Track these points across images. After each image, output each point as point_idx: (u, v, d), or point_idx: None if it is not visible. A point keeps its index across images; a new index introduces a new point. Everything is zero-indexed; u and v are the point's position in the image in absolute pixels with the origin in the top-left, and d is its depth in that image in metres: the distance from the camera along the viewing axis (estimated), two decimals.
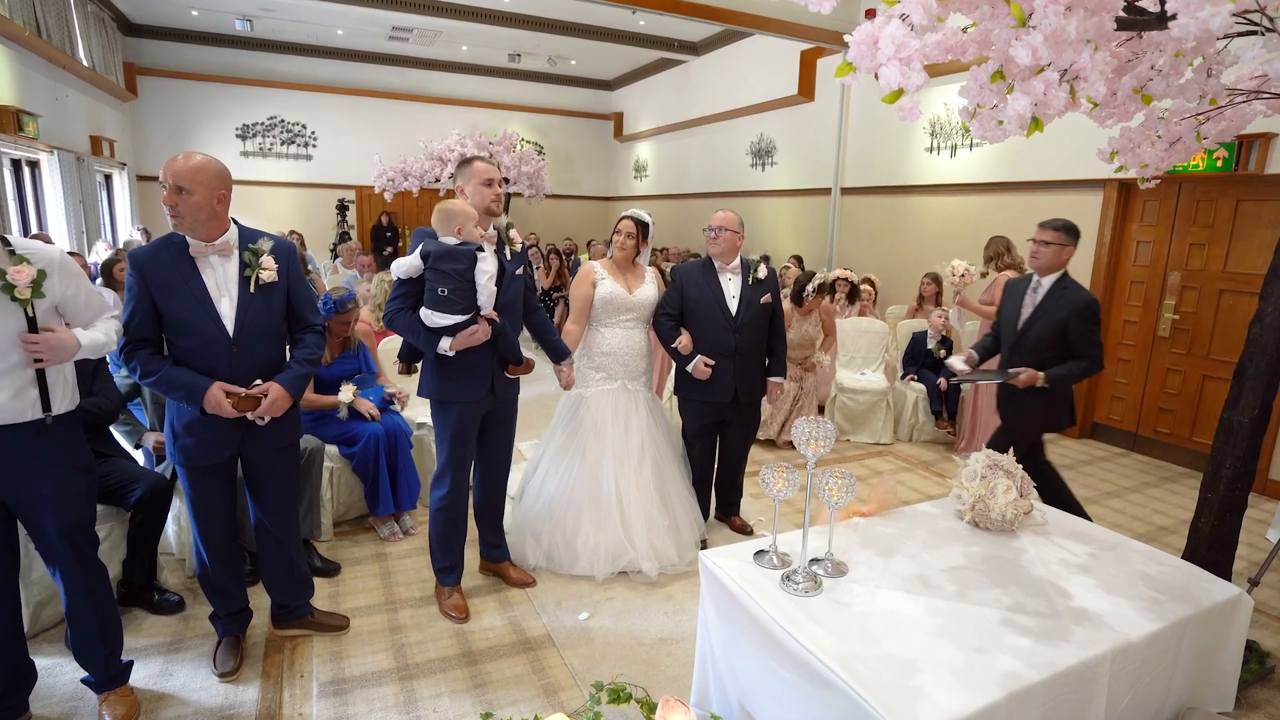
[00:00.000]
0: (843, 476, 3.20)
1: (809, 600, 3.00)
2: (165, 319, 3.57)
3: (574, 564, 5.14)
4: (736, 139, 15.93)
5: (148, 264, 3.52)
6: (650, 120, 19.86)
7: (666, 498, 5.35)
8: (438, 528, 4.65)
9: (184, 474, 3.78)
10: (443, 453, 4.54)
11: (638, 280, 5.42)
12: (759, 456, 7.58)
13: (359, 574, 5.13)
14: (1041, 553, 3.53)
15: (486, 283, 4.27)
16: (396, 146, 18.45)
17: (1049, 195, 9.23)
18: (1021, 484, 3.79)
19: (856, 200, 12.52)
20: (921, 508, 4.05)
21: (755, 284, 5.44)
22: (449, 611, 4.62)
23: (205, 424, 3.66)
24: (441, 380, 4.43)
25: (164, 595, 4.64)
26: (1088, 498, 6.97)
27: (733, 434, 5.70)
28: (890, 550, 3.49)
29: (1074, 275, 4.83)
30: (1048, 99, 2.57)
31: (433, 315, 4.19)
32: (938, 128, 10.81)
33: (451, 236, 4.23)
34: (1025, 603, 3.04)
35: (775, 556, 3.29)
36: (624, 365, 5.35)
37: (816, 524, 3.71)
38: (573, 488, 5.24)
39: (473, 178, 4.49)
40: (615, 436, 5.29)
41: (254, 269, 3.68)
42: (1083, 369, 4.98)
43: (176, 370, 3.57)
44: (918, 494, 6.92)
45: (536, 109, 21.22)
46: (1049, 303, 5.12)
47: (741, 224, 5.46)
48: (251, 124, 18.33)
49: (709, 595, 3.30)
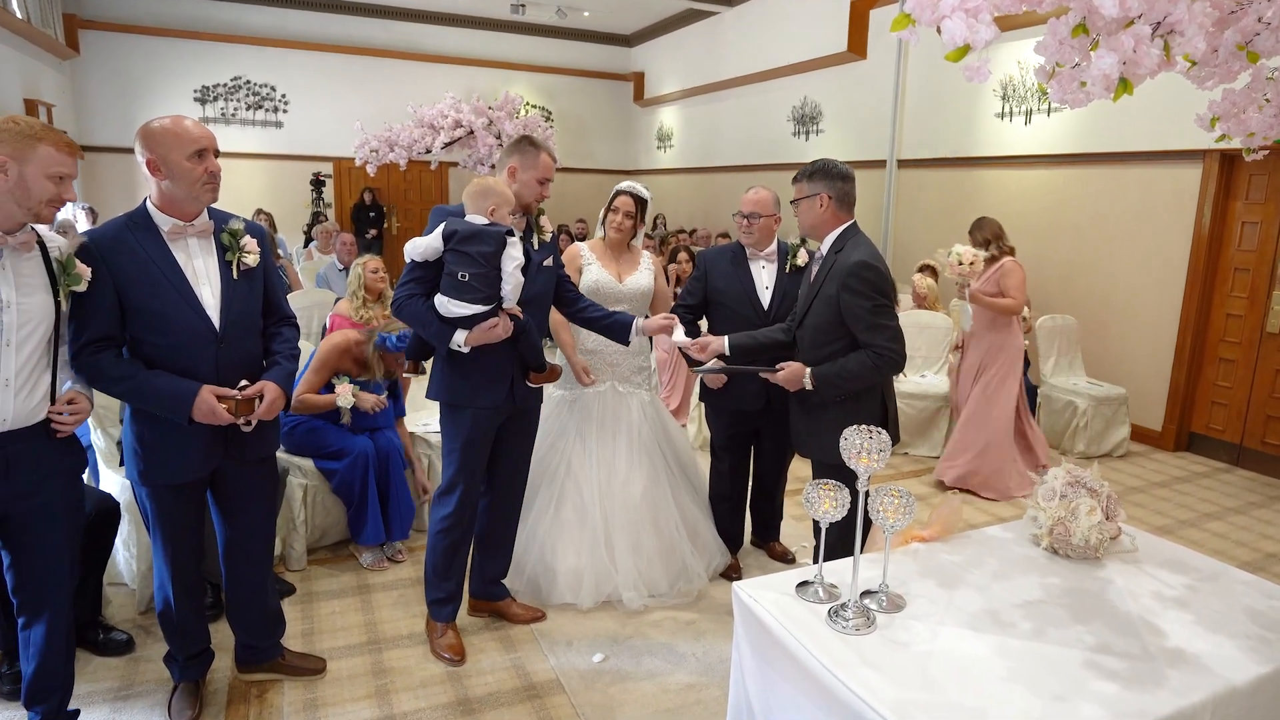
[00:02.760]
0: (900, 495, 3.18)
1: (860, 639, 2.99)
2: (134, 313, 3.53)
3: (554, 591, 5.17)
4: (776, 103, 15.93)
5: (111, 248, 3.49)
6: (675, 82, 19.86)
7: (661, 517, 5.35)
8: (438, 552, 4.61)
9: (150, 494, 3.75)
10: (451, 464, 4.52)
11: (630, 266, 5.41)
12: (802, 472, 7.57)
13: (337, 608, 5.16)
14: (1131, 584, 3.52)
15: (514, 271, 4.25)
16: (381, 112, 18.41)
17: (1138, 168, 9.22)
18: (1107, 504, 3.78)
19: (915, 174, 12.53)
20: (991, 531, 4.04)
21: (793, 271, 5.36)
22: (442, 652, 4.63)
23: (184, 435, 3.63)
24: (455, 380, 4.43)
25: (110, 633, 4.63)
26: (1185, 520, 6.96)
27: (768, 446, 5.69)
28: (955, 581, 3.49)
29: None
30: (1138, 56, 2.57)
31: (449, 303, 4.18)
32: (1010, 91, 10.78)
33: (481, 216, 4.26)
34: (1112, 642, 3.03)
35: (821, 588, 3.29)
36: (611, 365, 5.38)
37: (869, 551, 3.71)
38: (557, 503, 5.26)
39: (532, 169, 4.54)
40: (602, 445, 5.31)
41: (235, 252, 3.70)
42: (866, 366, 4.27)
43: (154, 375, 3.53)
44: (987, 515, 6.92)
45: (543, 68, 21.24)
46: (821, 277, 4.48)
47: (778, 203, 5.37)
48: (212, 86, 18.39)
49: (744, 633, 3.31)
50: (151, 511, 3.79)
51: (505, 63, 20.68)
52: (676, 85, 19.76)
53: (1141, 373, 9.34)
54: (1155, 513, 7.24)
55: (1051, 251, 10.26)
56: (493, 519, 4.87)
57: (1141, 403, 9.29)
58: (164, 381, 3.52)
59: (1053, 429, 8.95)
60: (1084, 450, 8.62)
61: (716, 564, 5.55)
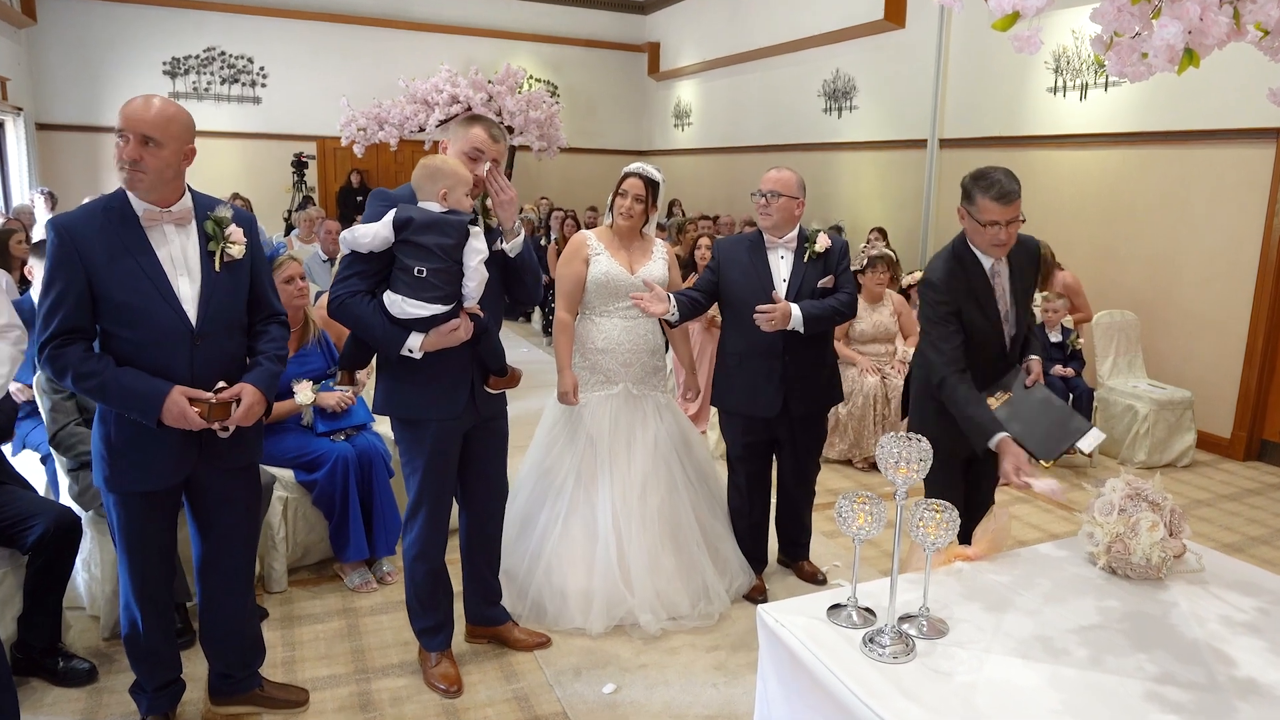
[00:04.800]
0: (942, 509, 3.19)
1: (899, 668, 3.00)
2: (105, 305, 3.53)
3: (562, 615, 5.16)
4: (805, 77, 15.93)
5: (81, 233, 3.48)
6: (695, 53, 19.87)
7: (680, 532, 5.35)
8: (416, 581, 4.60)
9: (118, 502, 3.74)
10: (414, 485, 4.48)
11: (643, 256, 5.39)
12: (835, 484, 7.59)
13: (321, 634, 5.17)
14: (1197, 607, 3.51)
15: (478, 265, 4.21)
16: (369, 87, 18.50)
17: (1206, 148, 9.19)
18: (1171, 519, 3.77)
19: (959, 155, 12.49)
20: (1043, 549, 4.04)
21: (813, 260, 5.32)
22: (437, 682, 4.62)
23: (156, 439, 3.63)
24: (407, 391, 4.35)
25: (71, 662, 4.61)
26: (1257, 536, 6.94)
27: (787, 456, 5.65)
28: (1003, 604, 3.49)
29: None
30: (1205, 25, 2.56)
31: (404, 302, 4.09)
32: (1064, 62, 10.76)
33: (436, 202, 4.17)
34: (1176, 672, 3.03)
35: (855, 612, 3.29)
36: (626, 365, 5.35)
37: (908, 570, 3.71)
38: (564, 519, 5.25)
39: (460, 140, 4.41)
40: (616, 454, 5.30)
41: (219, 242, 3.69)
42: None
43: (124, 372, 3.53)
44: (1038, 532, 6.92)
45: (549, 38, 21.29)
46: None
47: (802, 186, 5.33)
48: (183, 57, 18.47)
49: (770, 661, 3.31)
50: (118, 522, 3.77)
51: (506, 32, 20.73)
52: (696, 57, 19.76)
53: (1209, 374, 9.30)
54: (1224, 528, 7.22)
55: (1109, 240, 10.24)
56: (474, 538, 4.84)
57: (1209, 407, 9.24)
58: (133, 380, 3.51)
59: (1110, 436, 8.87)
60: (1145, 459, 8.60)
61: (739, 584, 5.54)
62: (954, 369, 4.40)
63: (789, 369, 5.28)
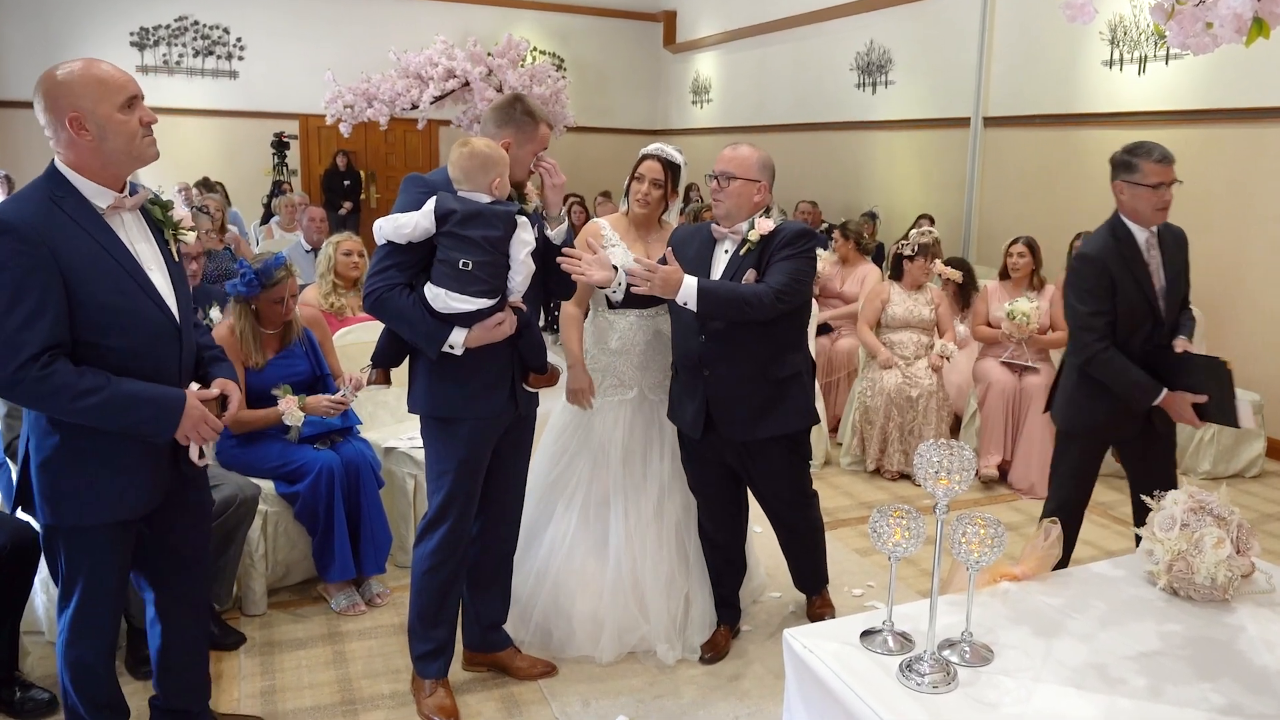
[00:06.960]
0: (987, 525, 3.19)
1: (938, 698, 3.00)
2: (85, 312, 3.29)
3: (569, 641, 5.15)
4: (836, 49, 15.91)
5: (47, 229, 3.22)
6: (715, 22, 19.87)
7: (698, 551, 5.33)
8: (426, 595, 4.57)
9: (83, 539, 3.50)
10: (442, 488, 4.46)
11: (660, 246, 5.20)
12: (869, 496, 7.59)
13: (304, 661, 5.17)
14: (1267, 632, 3.51)
15: (525, 259, 4.26)
16: (357, 60, 18.32)
17: (1277, 127, 9.17)
18: (1238, 535, 3.76)
19: (1005, 134, 12.51)
20: (1098, 568, 4.04)
21: (751, 252, 4.77)
22: (432, 714, 4.61)
23: (134, 457, 3.46)
24: (447, 389, 4.38)
25: (29, 691, 4.59)
26: None
27: (758, 484, 5.23)
28: (1053, 628, 3.50)
29: None
30: None
31: (448, 296, 4.13)
32: (1120, 33, 10.75)
33: (484, 193, 4.21)
34: (1244, 703, 3.03)
35: (891, 637, 3.30)
36: (642, 368, 5.29)
37: (949, 591, 3.71)
38: (573, 535, 5.24)
39: (530, 143, 4.48)
40: (630, 465, 5.28)
41: (170, 228, 3.67)
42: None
43: (126, 382, 3.31)
44: (1093, 549, 6.90)
45: (554, 6, 21.26)
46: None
47: (764, 167, 4.87)
48: (152, 28, 18.43)
49: (796, 690, 3.32)
50: (83, 562, 3.53)
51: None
52: (716, 27, 19.75)
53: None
54: None
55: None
56: (486, 552, 4.83)
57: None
58: (141, 389, 3.34)
59: None
60: (1210, 469, 8.56)
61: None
62: (1107, 343, 5.01)
63: (710, 386, 4.84)
